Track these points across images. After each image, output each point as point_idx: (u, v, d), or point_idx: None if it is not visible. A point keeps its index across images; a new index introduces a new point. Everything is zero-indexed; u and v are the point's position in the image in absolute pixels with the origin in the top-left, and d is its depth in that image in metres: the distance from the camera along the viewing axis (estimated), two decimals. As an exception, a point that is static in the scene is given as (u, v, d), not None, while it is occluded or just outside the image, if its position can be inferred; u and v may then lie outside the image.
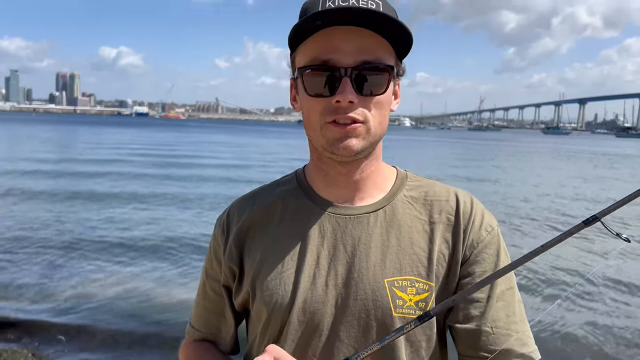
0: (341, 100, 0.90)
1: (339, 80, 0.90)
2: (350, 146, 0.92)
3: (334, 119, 0.92)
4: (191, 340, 1.17)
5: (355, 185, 1.02)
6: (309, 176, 1.07)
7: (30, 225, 9.85)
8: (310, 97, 0.94)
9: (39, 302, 6.12)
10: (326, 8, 0.89)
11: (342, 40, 0.90)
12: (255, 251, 1.03)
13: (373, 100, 0.93)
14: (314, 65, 0.92)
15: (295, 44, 0.95)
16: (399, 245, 0.99)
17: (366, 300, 0.96)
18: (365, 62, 0.90)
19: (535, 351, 0.98)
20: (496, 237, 1.02)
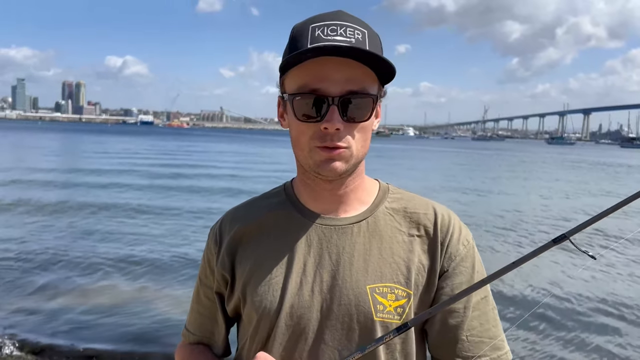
0: (329, 127, 0.96)
1: (326, 108, 0.96)
2: (335, 168, 0.99)
3: (322, 145, 0.98)
4: (187, 343, 1.24)
5: (339, 199, 1.08)
6: (297, 189, 1.13)
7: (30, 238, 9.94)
8: (299, 122, 1.00)
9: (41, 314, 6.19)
10: (319, 41, 0.96)
11: (330, 70, 0.96)
12: (247, 260, 1.09)
13: (357, 127, 1.00)
14: (304, 93, 0.98)
15: (285, 68, 1.00)
16: (380, 255, 1.05)
17: (349, 305, 1.02)
18: (352, 91, 0.97)
19: (508, 353, 1.07)
20: (472, 250, 1.10)
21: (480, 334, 1.06)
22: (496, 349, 1.06)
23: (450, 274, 1.06)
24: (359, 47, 0.95)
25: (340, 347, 1.02)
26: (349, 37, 0.96)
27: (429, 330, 1.08)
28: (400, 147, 75.42)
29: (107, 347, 5.26)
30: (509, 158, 52.24)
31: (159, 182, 19.22)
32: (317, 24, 0.99)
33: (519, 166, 38.69)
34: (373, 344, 0.95)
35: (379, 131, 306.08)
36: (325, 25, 0.98)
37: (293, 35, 1.02)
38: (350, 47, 0.94)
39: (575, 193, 20.51)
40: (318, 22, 0.99)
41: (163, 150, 45.23)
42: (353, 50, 0.94)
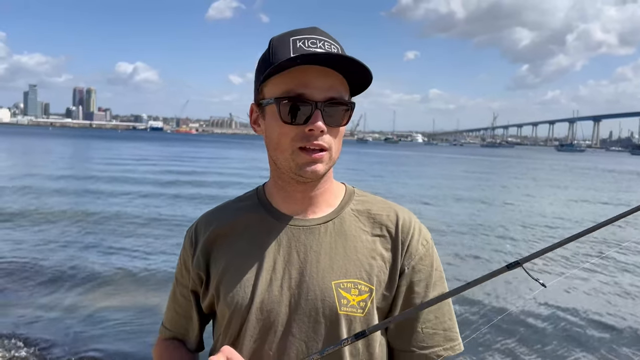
0: (314, 129, 1.03)
1: (311, 112, 1.03)
2: (317, 170, 1.06)
3: (305, 146, 1.05)
4: (163, 339, 1.31)
5: (309, 201, 1.15)
6: (268, 192, 1.20)
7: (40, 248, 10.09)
8: (283, 124, 1.05)
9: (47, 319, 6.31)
10: (302, 52, 1.03)
11: (314, 77, 1.03)
12: (220, 260, 1.16)
13: (335, 131, 1.08)
14: (290, 97, 1.03)
15: (268, 76, 1.05)
16: (345, 253, 1.12)
17: (316, 300, 1.08)
18: (333, 98, 1.04)
19: (460, 344, 1.16)
20: (431, 249, 1.17)
21: (435, 327, 1.14)
22: (449, 340, 1.14)
23: (410, 272, 1.14)
24: (340, 54, 1.04)
25: (307, 339, 1.08)
26: (327, 49, 1.05)
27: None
28: (407, 154, 75.36)
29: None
30: (516, 165, 52.09)
31: (168, 191, 19.35)
32: (296, 37, 1.06)
33: (527, 173, 38.58)
34: (332, 347, 1.01)
35: (386, 137, 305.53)
36: (305, 39, 1.05)
37: (272, 46, 1.08)
38: (336, 55, 1.02)
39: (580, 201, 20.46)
40: (297, 35, 1.07)
41: (172, 156, 45.47)
42: (337, 59, 1.02)
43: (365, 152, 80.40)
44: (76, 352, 5.29)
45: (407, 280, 1.13)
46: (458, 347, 1.16)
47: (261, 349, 1.09)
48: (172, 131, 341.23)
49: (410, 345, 1.13)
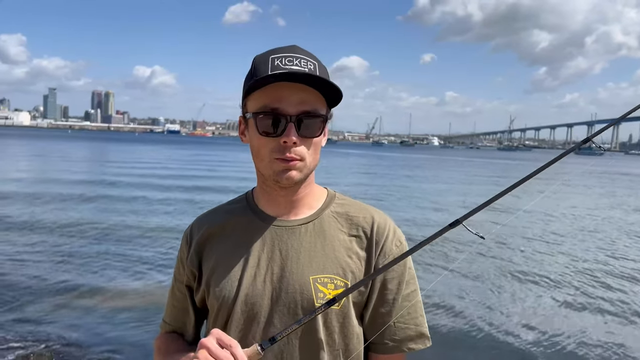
0: (287, 141, 1.13)
1: (285, 125, 1.14)
2: (292, 177, 1.17)
3: (280, 157, 1.15)
4: (163, 332, 1.42)
5: (291, 204, 1.27)
6: (256, 196, 1.33)
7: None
8: (261, 136, 1.17)
9: (60, 310, 6.53)
10: (278, 69, 1.13)
11: (287, 93, 1.14)
12: (211, 258, 1.28)
13: (310, 142, 1.18)
14: (265, 112, 1.15)
15: (249, 91, 1.19)
16: (323, 250, 1.23)
17: (295, 293, 1.19)
18: (305, 111, 1.15)
19: (428, 340, 1.27)
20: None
21: (407, 322, 1.25)
22: (420, 334, 1.26)
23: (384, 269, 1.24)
24: (311, 74, 1.13)
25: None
26: (303, 66, 1.14)
27: (365, 315, 1.26)
28: (422, 157, 75.10)
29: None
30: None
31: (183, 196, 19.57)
32: (275, 55, 1.17)
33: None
34: (308, 316, 1.10)
35: (402, 140, 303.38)
36: (283, 57, 1.16)
37: (255, 64, 1.19)
38: (304, 73, 1.12)
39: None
40: (277, 54, 1.17)
41: (191, 160, 45.81)
42: (307, 76, 1.12)
43: (380, 155, 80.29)
44: (92, 350, 5.47)
45: (381, 277, 1.24)
46: (427, 341, 1.27)
47: (246, 337, 1.20)
48: (187, 134, 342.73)
49: (384, 338, 1.24)
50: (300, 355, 1.20)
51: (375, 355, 1.28)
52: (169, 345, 1.36)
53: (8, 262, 8.58)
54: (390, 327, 1.24)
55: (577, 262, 9.29)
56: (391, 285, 1.25)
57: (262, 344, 1.05)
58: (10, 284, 7.43)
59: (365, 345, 1.27)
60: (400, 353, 1.26)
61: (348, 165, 42.96)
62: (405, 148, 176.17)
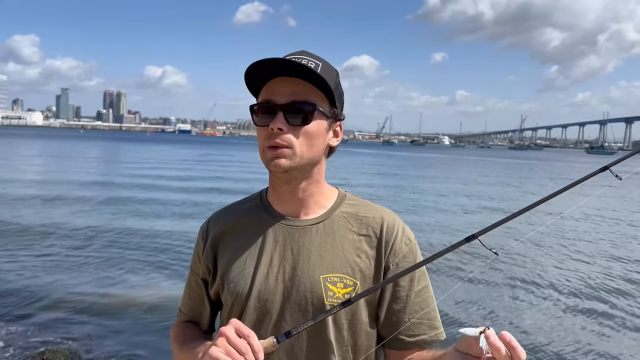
0: (273, 128, 1.18)
1: (273, 114, 1.19)
2: (280, 164, 1.20)
3: (269, 145, 1.20)
4: (179, 321, 1.48)
5: (300, 203, 1.31)
6: (269, 195, 1.37)
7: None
8: (258, 127, 1.23)
9: (78, 307, 6.63)
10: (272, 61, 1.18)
11: (279, 86, 1.20)
12: (226, 254, 1.33)
13: (300, 130, 1.20)
14: (259, 103, 1.24)
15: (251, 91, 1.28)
16: (333, 250, 1.27)
17: (305, 291, 1.24)
18: (295, 101, 1.19)
19: (442, 332, 1.31)
20: (414, 248, 1.31)
21: (421, 317, 1.28)
22: (433, 328, 1.29)
23: (395, 268, 1.27)
24: (294, 61, 1.16)
25: (297, 324, 1.22)
26: (297, 61, 1.18)
27: (379, 313, 1.30)
28: (434, 157, 74.86)
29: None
30: (539, 168, 51.24)
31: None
32: (285, 58, 1.21)
33: (551, 176, 38.00)
34: (323, 314, 1.13)
35: (413, 140, 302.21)
36: (287, 58, 1.21)
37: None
38: (280, 59, 1.17)
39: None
40: (286, 57, 1.22)
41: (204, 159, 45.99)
42: (297, 66, 1.16)
43: (391, 154, 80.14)
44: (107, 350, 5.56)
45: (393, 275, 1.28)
46: (441, 334, 1.31)
47: (258, 332, 1.22)
48: (197, 134, 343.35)
49: (400, 334, 1.27)
50: (309, 350, 1.23)
51: (391, 351, 1.31)
52: (186, 332, 1.41)
53: (25, 264, 8.70)
54: (404, 323, 1.27)
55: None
56: (403, 282, 1.28)
57: (277, 338, 1.08)
58: (31, 284, 7.56)
59: (381, 342, 1.31)
60: (416, 347, 1.29)
61: (358, 164, 42.87)
62: (416, 147, 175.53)
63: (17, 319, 6.15)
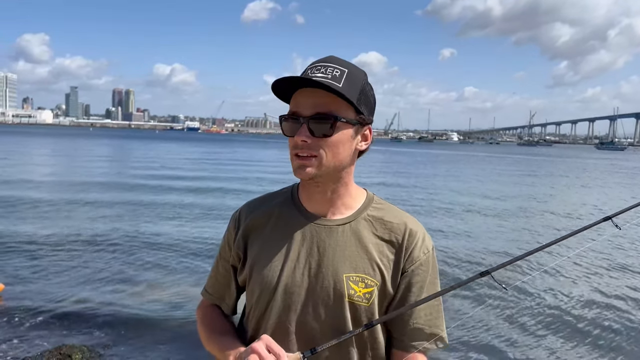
0: (297, 140, 1.26)
1: (299, 126, 1.27)
2: (306, 172, 1.28)
3: (296, 153, 1.28)
4: (205, 304, 1.56)
5: (328, 203, 1.38)
6: (299, 192, 1.44)
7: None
8: (287, 137, 1.30)
9: (95, 300, 6.74)
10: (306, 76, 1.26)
11: (303, 98, 1.27)
12: (256, 245, 1.41)
13: (324, 140, 1.26)
14: (286, 115, 1.30)
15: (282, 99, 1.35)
16: (357, 251, 1.35)
17: (329, 288, 1.32)
18: (318, 113, 1.25)
19: (444, 340, 1.38)
20: (430, 258, 1.39)
21: (424, 323, 1.36)
22: (434, 335, 1.37)
23: (409, 274, 1.35)
24: (323, 81, 1.22)
25: (319, 319, 1.32)
26: (327, 74, 1.25)
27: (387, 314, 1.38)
28: (443, 153, 74.64)
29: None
30: (546, 165, 50.98)
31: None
32: (311, 66, 1.29)
33: (564, 171, 37.80)
34: (348, 334, 1.25)
35: (421, 136, 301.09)
36: (314, 67, 1.27)
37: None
38: (301, 78, 1.24)
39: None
40: (313, 64, 1.29)
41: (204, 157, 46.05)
42: (318, 82, 1.22)
43: (399, 151, 79.96)
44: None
45: (407, 280, 1.36)
46: (441, 343, 1.38)
47: (283, 323, 1.34)
48: (203, 131, 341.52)
49: (402, 336, 1.36)
50: (331, 349, 1.29)
51: (395, 351, 1.39)
52: (214, 321, 1.49)
53: (45, 263, 8.80)
54: (408, 326, 1.36)
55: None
56: (414, 288, 1.35)
57: (304, 354, 1.16)
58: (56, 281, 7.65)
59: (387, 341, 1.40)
60: (414, 351, 1.35)
61: (369, 162, 42.97)
62: (424, 144, 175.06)
63: (36, 315, 6.26)
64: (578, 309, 7.24)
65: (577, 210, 17.25)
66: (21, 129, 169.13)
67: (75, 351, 5.19)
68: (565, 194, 23.17)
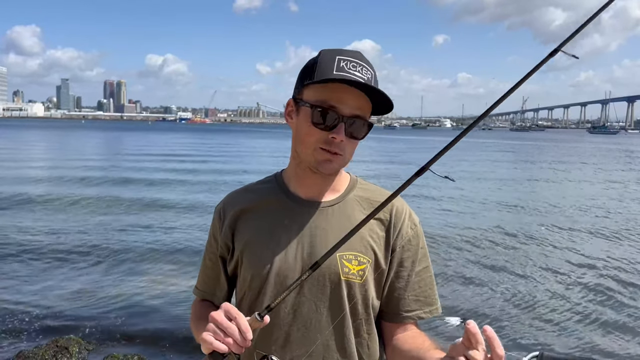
0: (336, 137, 1.26)
1: (336, 122, 1.26)
2: (331, 167, 1.31)
3: (325, 148, 1.28)
4: (198, 300, 1.59)
5: (319, 187, 1.41)
6: (286, 178, 1.46)
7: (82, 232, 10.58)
8: (311, 125, 1.28)
9: (90, 298, 6.76)
10: (343, 71, 1.25)
11: (347, 96, 1.26)
12: (244, 232, 1.42)
13: (353, 142, 1.32)
14: (323, 107, 1.26)
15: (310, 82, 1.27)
16: (348, 230, 1.33)
17: (323, 268, 1.29)
18: (357, 115, 1.28)
19: (437, 309, 1.44)
20: (418, 232, 1.45)
21: (418, 295, 1.41)
22: (429, 304, 1.42)
23: (400, 250, 1.40)
24: (371, 85, 1.26)
25: (315, 299, 1.34)
26: (364, 74, 1.27)
27: (383, 291, 1.41)
28: (436, 139, 74.68)
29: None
30: (534, 149, 51.05)
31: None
32: (342, 57, 1.28)
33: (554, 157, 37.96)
34: (297, 281, 1.18)
35: (414, 123, 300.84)
36: (349, 60, 1.28)
37: (321, 58, 1.30)
38: (366, 84, 1.25)
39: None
40: (343, 55, 1.29)
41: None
42: (368, 86, 1.25)
43: (394, 138, 79.94)
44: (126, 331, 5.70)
45: (398, 257, 1.40)
46: (436, 310, 1.44)
47: (278, 306, 1.32)
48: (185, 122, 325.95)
49: (398, 309, 1.40)
50: (327, 324, 1.33)
51: (389, 324, 1.43)
52: (201, 311, 1.50)
53: (42, 257, 8.80)
54: (403, 299, 1.40)
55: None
56: (406, 263, 1.40)
57: (260, 313, 1.16)
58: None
59: (379, 315, 1.44)
60: (411, 321, 1.41)
61: (366, 150, 42.77)
62: (418, 131, 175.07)
63: (32, 308, 6.29)
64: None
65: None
66: (12, 123, 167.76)
67: (72, 344, 5.21)
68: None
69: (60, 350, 5.09)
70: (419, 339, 1.35)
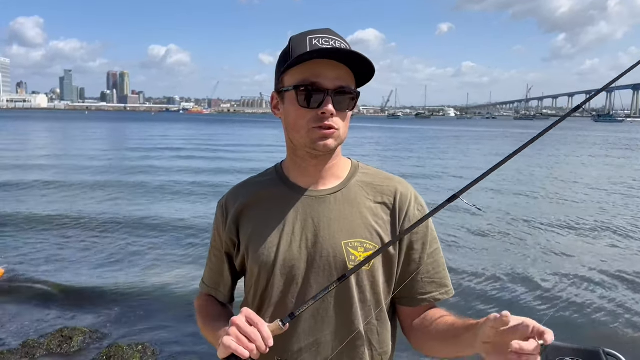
0: (326, 112, 1.24)
1: (323, 97, 1.24)
2: (328, 144, 1.27)
3: (319, 126, 1.26)
4: (202, 295, 1.56)
5: (320, 175, 1.37)
6: (285, 169, 1.43)
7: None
8: (300, 108, 1.26)
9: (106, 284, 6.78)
10: (317, 47, 1.23)
11: (325, 69, 1.24)
12: (248, 226, 1.39)
13: (343, 115, 1.29)
14: (306, 85, 1.25)
15: (288, 67, 1.26)
16: (352, 217, 1.34)
17: (329, 257, 1.31)
18: (341, 86, 1.25)
19: (451, 290, 1.41)
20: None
21: (432, 277, 1.39)
22: (443, 286, 1.40)
23: (410, 234, 1.35)
24: (347, 49, 1.23)
25: (322, 288, 1.29)
26: (338, 46, 1.24)
27: (396, 275, 1.38)
28: (440, 129, 74.41)
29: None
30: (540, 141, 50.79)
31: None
32: (312, 35, 1.27)
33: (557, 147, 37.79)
34: (322, 292, 1.19)
35: (418, 113, 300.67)
36: (320, 37, 1.26)
37: (292, 44, 1.29)
38: (346, 50, 1.22)
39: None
40: (313, 34, 1.27)
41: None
42: (348, 52, 1.22)
43: (398, 127, 79.72)
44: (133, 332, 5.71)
45: (407, 240, 1.37)
46: (450, 292, 1.41)
47: (285, 297, 1.33)
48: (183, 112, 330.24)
49: (413, 293, 1.38)
50: (335, 312, 1.31)
51: (404, 308, 1.41)
52: (208, 308, 1.49)
53: (46, 248, 8.81)
54: (417, 282, 1.38)
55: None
56: (417, 246, 1.37)
57: (283, 320, 1.15)
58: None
59: (393, 300, 1.41)
60: (427, 304, 1.39)
61: (367, 141, 42.84)
62: (421, 120, 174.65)
63: (37, 297, 6.32)
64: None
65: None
66: (16, 114, 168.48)
67: (76, 333, 5.24)
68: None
69: (65, 340, 5.12)
70: (441, 314, 1.34)
